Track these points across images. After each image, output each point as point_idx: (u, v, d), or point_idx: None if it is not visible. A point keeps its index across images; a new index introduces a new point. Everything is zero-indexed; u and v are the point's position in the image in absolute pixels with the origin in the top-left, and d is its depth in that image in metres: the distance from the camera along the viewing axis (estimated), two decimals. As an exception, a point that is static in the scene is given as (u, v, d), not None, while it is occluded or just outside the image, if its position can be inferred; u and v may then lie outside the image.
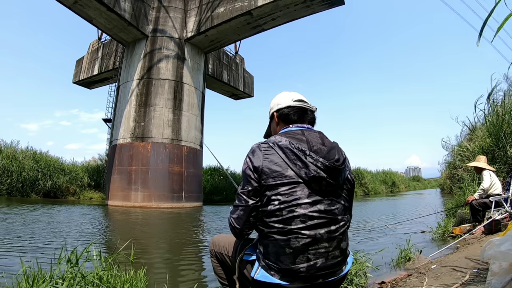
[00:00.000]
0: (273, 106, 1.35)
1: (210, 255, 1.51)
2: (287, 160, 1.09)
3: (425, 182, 40.57)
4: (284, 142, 1.12)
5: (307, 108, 1.29)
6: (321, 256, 1.06)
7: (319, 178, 1.07)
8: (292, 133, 1.20)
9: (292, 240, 1.05)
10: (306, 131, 1.22)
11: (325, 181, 1.08)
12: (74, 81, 18.02)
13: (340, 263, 1.11)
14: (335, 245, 1.08)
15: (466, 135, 9.84)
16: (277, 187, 1.08)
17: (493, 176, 4.38)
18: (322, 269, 1.07)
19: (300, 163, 1.08)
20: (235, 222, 1.19)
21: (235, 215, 1.19)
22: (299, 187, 1.07)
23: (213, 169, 17.84)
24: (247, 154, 1.18)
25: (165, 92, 11.66)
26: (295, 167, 1.08)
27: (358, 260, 2.42)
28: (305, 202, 1.06)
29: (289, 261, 1.05)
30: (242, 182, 1.17)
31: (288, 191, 1.07)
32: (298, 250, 1.05)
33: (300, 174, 1.08)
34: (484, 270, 2.10)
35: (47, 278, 1.66)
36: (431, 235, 4.61)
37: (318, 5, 10.47)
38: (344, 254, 1.13)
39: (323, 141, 1.18)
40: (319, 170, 1.07)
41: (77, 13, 10.63)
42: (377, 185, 24.69)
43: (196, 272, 3.02)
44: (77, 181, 13.76)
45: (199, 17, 11.94)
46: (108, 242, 4.31)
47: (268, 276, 1.08)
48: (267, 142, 1.16)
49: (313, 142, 1.15)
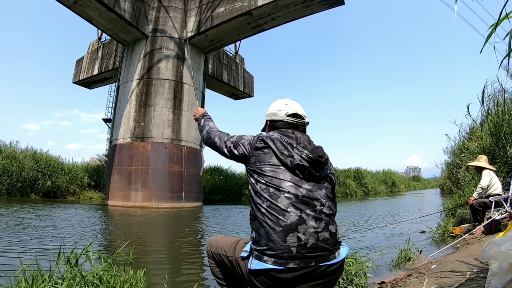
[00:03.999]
0: (268, 114, 1.47)
1: (207, 256, 1.51)
2: (275, 149, 1.24)
3: (425, 182, 40.52)
4: (276, 136, 1.28)
5: (298, 123, 1.40)
6: (311, 237, 1.11)
7: (302, 167, 1.20)
8: (284, 131, 1.35)
9: (281, 218, 1.12)
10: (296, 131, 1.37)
11: (308, 170, 1.21)
12: (74, 81, 18.01)
13: (331, 246, 1.14)
14: (324, 226, 1.15)
15: (466, 134, 9.83)
16: (263, 170, 1.22)
17: (493, 175, 4.37)
18: (313, 250, 1.10)
19: (286, 152, 1.22)
20: (209, 140, 1.50)
21: (215, 138, 1.47)
22: (283, 171, 1.21)
23: (213, 169, 17.84)
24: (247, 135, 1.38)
25: (165, 92, 11.65)
26: (282, 155, 1.22)
27: (358, 260, 2.41)
28: (289, 185, 1.18)
29: (280, 240, 1.10)
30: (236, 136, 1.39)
31: (273, 174, 1.20)
32: (287, 228, 1.10)
33: (285, 162, 1.21)
34: (484, 270, 2.10)
35: (47, 278, 1.66)
36: (431, 235, 4.60)
37: (318, 5, 10.47)
38: (334, 238, 1.17)
39: (309, 141, 1.34)
40: (303, 160, 1.21)
41: (77, 13, 10.62)
42: (377, 185, 24.66)
43: (196, 272, 3.02)
44: (77, 181, 13.74)
45: (199, 17, 11.94)
46: (108, 242, 4.31)
47: (261, 263, 1.10)
48: (261, 136, 1.32)
49: (301, 140, 1.31)
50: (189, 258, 3.56)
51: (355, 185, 21.82)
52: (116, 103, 12.87)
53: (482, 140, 7.44)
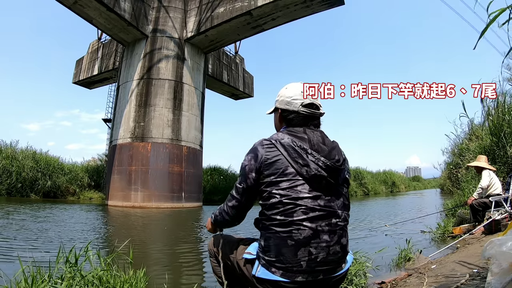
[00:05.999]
0: (280, 101, 1.27)
1: (209, 254, 1.50)
2: (288, 158, 1.11)
3: (425, 182, 40.50)
4: (286, 140, 1.13)
5: (314, 115, 1.24)
6: (323, 251, 1.06)
7: (320, 177, 1.09)
8: (294, 131, 1.19)
9: (294, 232, 1.05)
10: (308, 129, 1.21)
11: (325, 180, 1.10)
12: (74, 81, 18.01)
13: (340, 259, 1.11)
14: (336, 239, 1.09)
15: (466, 134, 9.82)
16: (279, 183, 1.09)
17: (493, 175, 4.37)
18: (323, 264, 1.07)
19: (301, 161, 1.09)
20: (229, 210, 1.25)
21: (231, 203, 1.25)
22: (299, 183, 1.09)
23: (213, 169, 17.84)
24: (249, 151, 1.19)
25: (165, 92, 11.65)
26: (297, 164, 1.09)
27: (358, 260, 2.41)
28: (306, 196, 1.08)
29: (291, 254, 1.05)
30: (240, 177, 1.20)
31: (289, 185, 1.08)
32: (300, 243, 1.05)
33: (301, 172, 1.09)
34: (484, 270, 2.10)
35: (46, 278, 1.66)
36: (431, 235, 4.60)
37: (318, 5, 10.47)
38: (344, 251, 1.13)
39: (323, 140, 1.19)
40: (320, 169, 1.09)
41: (77, 13, 10.62)
42: (377, 185, 24.64)
43: (196, 272, 3.02)
44: (77, 181, 13.72)
45: (199, 17, 11.94)
46: (108, 242, 4.31)
47: (269, 274, 1.08)
48: (270, 139, 1.16)
49: (314, 141, 1.16)
50: (189, 258, 3.56)
51: (355, 185, 21.81)
52: (116, 103, 12.87)
53: (482, 140, 7.45)
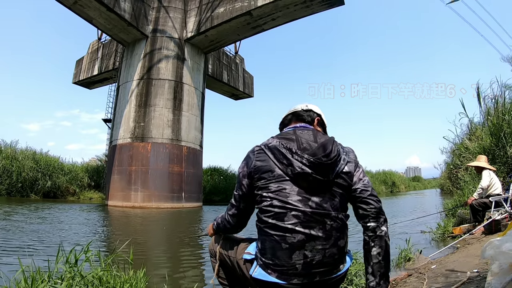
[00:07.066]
0: None
1: (210, 255, 1.50)
2: (275, 160, 1.13)
3: (425, 182, 40.50)
4: (273, 143, 1.16)
5: (296, 110, 1.35)
6: (318, 253, 1.06)
7: (304, 174, 1.07)
8: (284, 134, 1.24)
9: (288, 235, 1.06)
10: (298, 129, 1.25)
11: (312, 177, 1.07)
12: (74, 81, 18.01)
13: (337, 261, 1.10)
14: (333, 242, 1.08)
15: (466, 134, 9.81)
16: (268, 186, 1.12)
17: (493, 175, 4.37)
18: (319, 266, 1.06)
19: (285, 161, 1.10)
20: (230, 218, 1.32)
21: (231, 212, 1.31)
22: (287, 184, 1.09)
23: (213, 169, 17.83)
24: (243, 159, 1.24)
25: (165, 92, 11.65)
26: (282, 165, 1.11)
27: (358, 260, 2.41)
28: (296, 199, 1.08)
29: (286, 257, 1.05)
30: (236, 184, 1.26)
31: (277, 188, 1.10)
32: (294, 246, 1.05)
33: (286, 172, 1.10)
34: (484, 270, 2.10)
35: (46, 278, 1.65)
36: (431, 235, 4.60)
37: (318, 5, 10.47)
38: (342, 253, 1.12)
39: (315, 138, 1.18)
40: (303, 167, 1.08)
41: (77, 13, 10.62)
42: (377, 185, 24.63)
43: (196, 272, 3.02)
44: (77, 181, 13.73)
45: (199, 17, 11.94)
46: (108, 242, 4.31)
47: (266, 275, 1.08)
48: (260, 145, 1.20)
49: (303, 140, 1.16)
50: (189, 258, 3.55)
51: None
52: (116, 103, 12.86)
53: (482, 140, 7.44)
